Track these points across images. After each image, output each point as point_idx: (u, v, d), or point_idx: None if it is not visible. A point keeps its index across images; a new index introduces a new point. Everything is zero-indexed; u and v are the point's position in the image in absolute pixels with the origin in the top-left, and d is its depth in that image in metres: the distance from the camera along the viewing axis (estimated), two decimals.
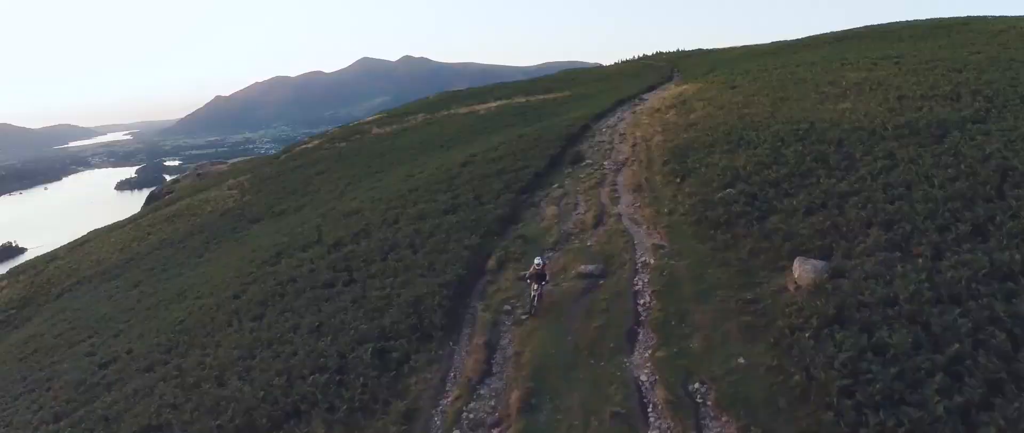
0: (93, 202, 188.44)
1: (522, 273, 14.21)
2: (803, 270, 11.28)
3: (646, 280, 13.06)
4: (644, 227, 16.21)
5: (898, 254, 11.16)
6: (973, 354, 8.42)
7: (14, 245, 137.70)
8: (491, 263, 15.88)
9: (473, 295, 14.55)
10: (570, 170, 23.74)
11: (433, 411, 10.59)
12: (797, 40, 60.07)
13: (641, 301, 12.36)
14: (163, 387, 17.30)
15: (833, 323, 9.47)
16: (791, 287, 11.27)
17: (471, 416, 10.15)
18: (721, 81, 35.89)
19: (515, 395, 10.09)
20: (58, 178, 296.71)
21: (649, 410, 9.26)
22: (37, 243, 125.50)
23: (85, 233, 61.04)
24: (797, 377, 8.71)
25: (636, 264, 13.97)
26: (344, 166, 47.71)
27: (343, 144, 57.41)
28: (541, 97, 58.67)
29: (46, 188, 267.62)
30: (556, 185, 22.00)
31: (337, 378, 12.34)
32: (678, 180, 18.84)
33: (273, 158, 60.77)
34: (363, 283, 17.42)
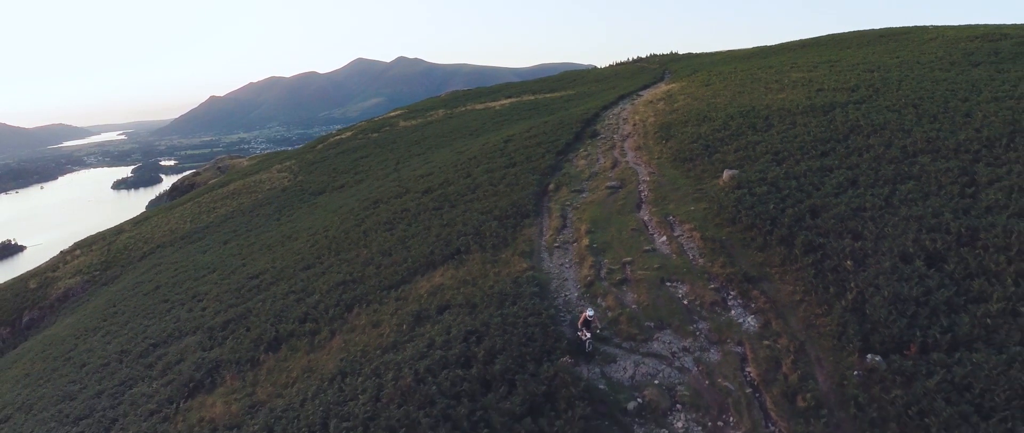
0: (93, 200, 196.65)
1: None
2: (727, 174, 22.76)
3: (645, 187, 24.51)
4: (643, 166, 27.70)
5: (775, 164, 22.69)
6: (804, 197, 19.82)
7: (13, 243, 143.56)
8: (551, 187, 27.33)
9: (544, 200, 25.87)
10: (590, 141, 35.19)
11: (540, 241, 21.87)
12: (770, 46, 72.41)
13: (643, 195, 23.81)
14: (335, 268, 27.54)
15: (736, 188, 20.91)
16: (721, 183, 22.69)
17: (560, 239, 21.39)
18: (700, 80, 47.78)
19: (583, 228, 21.41)
20: (54, 177, 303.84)
21: (649, 227, 20.62)
22: (37, 241, 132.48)
23: (142, 212, 70.93)
24: (715, 207, 20.13)
25: (639, 182, 25.43)
26: (386, 151, 58.00)
27: (375, 134, 67.75)
28: (547, 95, 69.70)
29: (42, 187, 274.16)
30: (582, 149, 33.42)
31: (477, 236, 23.43)
32: (664, 141, 30.36)
33: (311, 147, 71.33)
34: (465, 206, 28.51)
